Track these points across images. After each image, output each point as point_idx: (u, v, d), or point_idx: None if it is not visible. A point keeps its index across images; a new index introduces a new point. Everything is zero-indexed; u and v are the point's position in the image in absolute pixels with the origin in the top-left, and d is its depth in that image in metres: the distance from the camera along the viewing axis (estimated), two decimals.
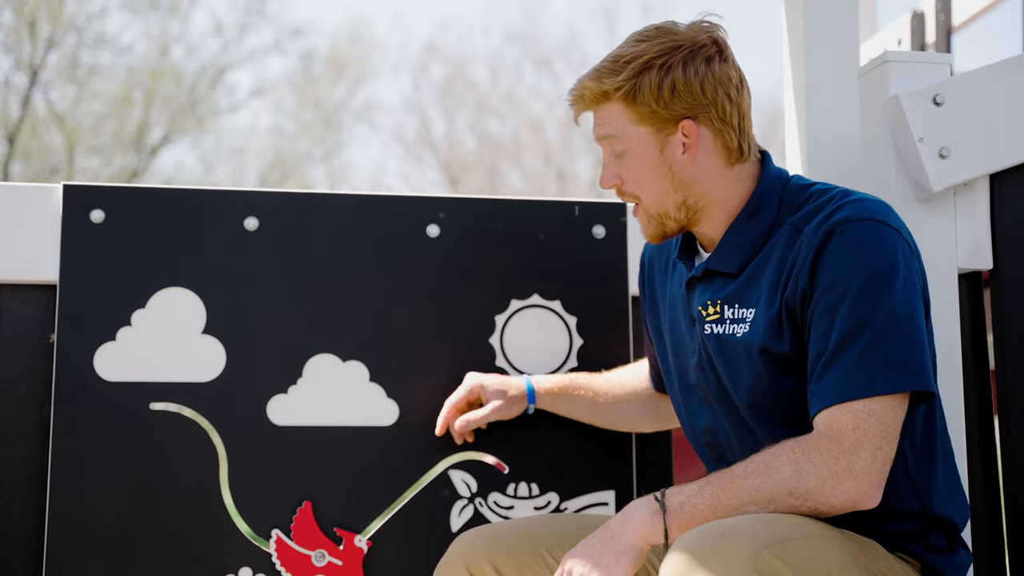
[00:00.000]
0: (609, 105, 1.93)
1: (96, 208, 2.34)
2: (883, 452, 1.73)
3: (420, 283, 2.43)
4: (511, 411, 2.32)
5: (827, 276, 1.80)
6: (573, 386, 2.34)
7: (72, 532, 2.25)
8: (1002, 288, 2.36)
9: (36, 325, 2.34)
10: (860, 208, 1.84)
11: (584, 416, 2.36)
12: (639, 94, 1.90)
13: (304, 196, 2.46)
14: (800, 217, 1.89)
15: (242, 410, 2.34)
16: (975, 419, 2.37)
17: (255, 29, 18.99)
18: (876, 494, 1.73)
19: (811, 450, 1.73)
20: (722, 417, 1.97)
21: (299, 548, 2.32)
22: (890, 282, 1.78)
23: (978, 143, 2.33)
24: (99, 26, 16.71)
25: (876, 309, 1.76)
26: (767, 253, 1.90)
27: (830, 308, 1.79)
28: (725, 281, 1.94)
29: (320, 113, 19.17)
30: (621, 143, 1.94)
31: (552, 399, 2.33)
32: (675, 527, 1.75)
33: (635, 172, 1.94)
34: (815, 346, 1.80)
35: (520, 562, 2.00)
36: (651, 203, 1.96)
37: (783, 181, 1.96)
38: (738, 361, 1.90)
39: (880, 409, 1.74)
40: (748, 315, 1.89)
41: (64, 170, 15.89)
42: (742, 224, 1.94)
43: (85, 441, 2.28)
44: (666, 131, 1.92)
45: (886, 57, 2.36)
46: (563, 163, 18.96)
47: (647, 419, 2.36)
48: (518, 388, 2.32)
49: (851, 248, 1.80)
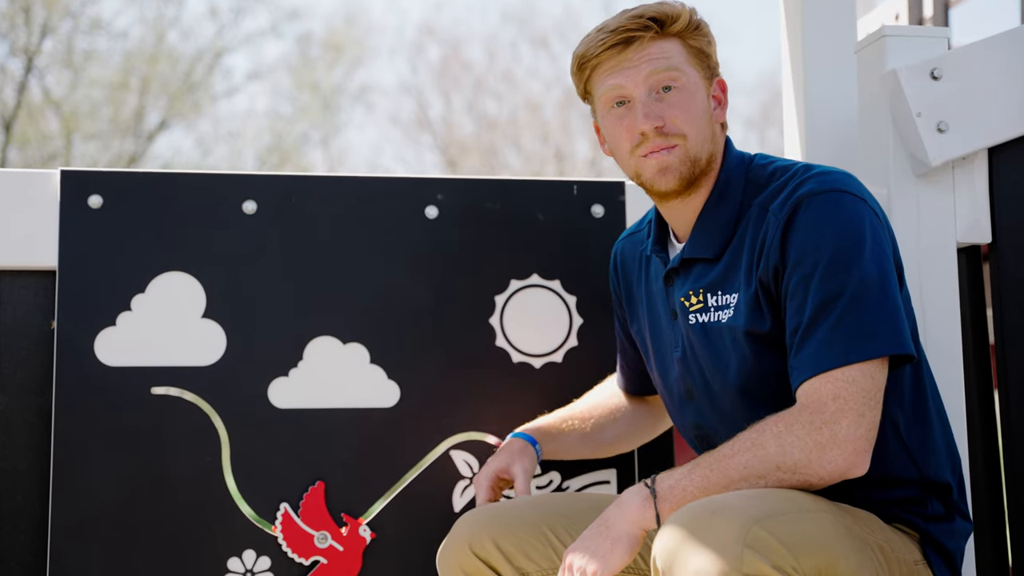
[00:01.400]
0: (666, 42, 1.93)
1: (94, 193, 2.34)
2: (866, 419, 1.74)
3: (419, 264, 2.43)
4: (534, 467, 2.21)
5: (796, 250, 1.81)
6: (555, 428, 2.26)
7: (75, 517, 2.26)
8: (1001, 262, 2.37)
9: (36, 311, 2.34)
10: (823, 180, 1.85)
11: (576, 454, 2.30)
12: (700, 28, 1.95)
13: (303, 179, 2.46)
14: (765, 196, 1.90)
15: (243, 393, 2.34)
16: (975, 393, 2.38)
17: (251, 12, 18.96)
18: (863, 461, 1.74)
19: (793, 423, 1.74)
20: (706, 409, 1.98)
21: (304, 526, 2.32)
22: (859, 251, 1.79)
23: (976, 117, 2.33)
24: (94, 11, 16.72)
25: (847, 279, 1.77)
26: (740, 236, 1.91)
27: (802, 281, 1.80)
28: (704, 269, 1.95)
29: (317, 96, 19.13)
30: (679, 78, 1.92)
31: (545, 435, 2.25)
32: (666, 510, 1.76)
33: (688, 109, 1.93)
34: (791, 320, 1.81)
35: (523, 540, 2.00)
36: (695, 143, 1.93)
37: (745, 163, 1.98)
38: (724, 347, 1.91)
39: (860, 376, 1.74)
40: (731, 300, 1.90)
41: (61, 156, 15.87)
42: (712, 209, 1.95)
43: (87, 426, 2.28)
44: (708, 79, 1.97)
45: (884, 32, 2.36)
46: (561, 143, 18.94)
47: (633, 434, 2.33)
48: (523, 450, 2.20)
49: (817, 220, 1.81)
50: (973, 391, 2.38)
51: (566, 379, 2.44)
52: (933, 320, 2.33)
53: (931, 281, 2.33)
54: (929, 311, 2.32)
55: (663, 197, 1.98)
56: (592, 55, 1.94)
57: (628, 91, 1.93)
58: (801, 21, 2.65)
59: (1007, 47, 2.37)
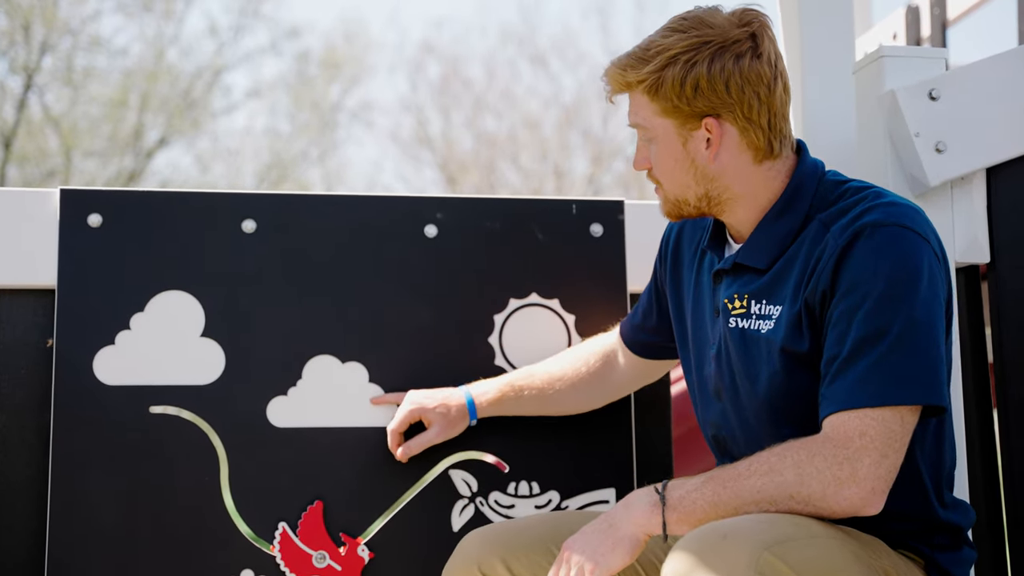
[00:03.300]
0: (635, 95, 1.93)
1: (93, 212, 2.34)
2: (888, 460, 1.71)
3: (418, 283, 2.43)
4: (454, 431, 2.32)
5: (848, 279, 1.77)
6: (514, 388, 2.32)
7: (73, 536, 2.26)
8: (1000, 281, 2.37)
9: (35, 330, 2.34)
10: (890, 212, 1.81)
11: (533, 411, 2.34)
12: (661, 88, 1.87)
13: (302, 198, 2.46)
14: (830, 214, 1.86)
15: (242, 412, 2.34)
16: (974, 412, 2.37)
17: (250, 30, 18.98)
18: (878, 501, 1.72)
19: (816, 453, 1.72)
20: (730, 413, 1.96)
21: (303, 546, 2.32)
22: (912, 291, 1.75)
23: (974, 137, 2.34)
24: (94, 29, 16.72)
25: (895, 317, 1.74)
26: (796, 249, 1.88)
27: (848, 312, 1.76)
28: (753, 276, 1.92)
29: (316, 113, 19.16)
30: (648, 132, 1.93)
31: (496, 407, 2.32)
32: (673, 520, 1.75)
33: (661, 160, 1.93)
34: (830, 349, 1.78)
35: (532, 560, 1.99)
36: (671, 191, 1.95)
37: (818, 175, 1.93)
38: (759, 357, 1.89)
39: (890, 417, 1.72)
40: (774, 312, 1.87)
41: (61, 173, 15.89)
42: (774, 219, 1.91)
43: (85, 445, 2.28)
44: (689, 126, 1.89)
45: (882, 52, 2.36)
46: (560, 160, 18.96)
47: (594, 397, 2.34)
48: (459, 407, 2.31)
49: (875, 253, 1.77)
50: (972, 410, 2.37)
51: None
52: None
53: None
54: None
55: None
56: None
57: None
58: (799, 41, 2.65)
59: (1005, 67, 2.37)
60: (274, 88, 19.15)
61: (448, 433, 2.32)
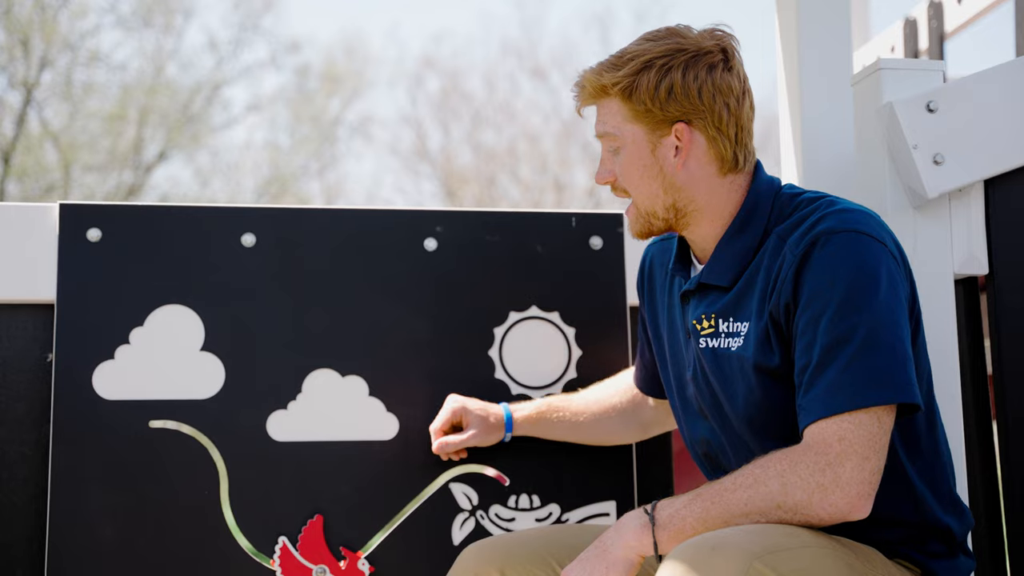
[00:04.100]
0: (608, 101, 1.94)
1: (93, 227, 2.35)
2: (871, 462, 1.72)
3: (418, 297, 2.43)
4: (489, 439, 2.34)
5: (809, 288, 1.80)
6: (550, 410, 2.34)
7: (73, 551, 2.25)
8: (998, 293, 2.37)
9: (34, 344, 2.34)
10: (843, 219, 1.83)
11: (565, 437, 2.37)
12: (635, 91, 1.90)
13: (301, 212, 2.46)
14: (785, 227, 1.88)
15: (242, 426, 2.34)
16: (974, 424, 2.37)
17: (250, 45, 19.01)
18: (864, 505, 1.72)
19: (798, 462, 1.72)
20: (717, 429, 1.97)
21: (303, 560, 2.32)
22: (872, 294, 1.77)
23: (972, 149, 2.34)
24: (93, 44, 16.73)
25: (859, 321, 1.76)
26: (757, 264, 1.90)
27: (813, 321, 1.78)
28: (719, 295, 1.94)
29: (316, 127, 19.18)
30: (616, 140, 1.95)
31: (530, 426, 2.35)
32: (664, 539, 1.75)
33: (628, 170, 1.95)
34: (800, 359, 1.80)
35: (530, 572, 1.99)
36: (640, 201, 1.97)
37: (774, 190, 1.96)
38: (733, 375, 1.90)
39: (867, 420, 1.73)
40: (742, 328, 1.89)
41: (60, 188, 15.89)
42: (733, 236, 1.94)
43: (85, 460, 2.28)
44: (659, 132, 1.92)
45: (880, 64, 2.37)
46: (560, 173, 18.98)
47: (630, 430, 2.36)
48: (497, 417, 2.34)
49: (832, 259, 1.79)
50: (971, 422, 2.37)
51: None
52: (931, 351, 2.32)
53: (929, 312, 2.33)
54: (927, 342, 2.32)
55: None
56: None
57: None
58: (797, 54, 2.66)
59: (1003, 80, 2.38)
60: (274, 102, 19.18)
61: (484, 438, 2.33)
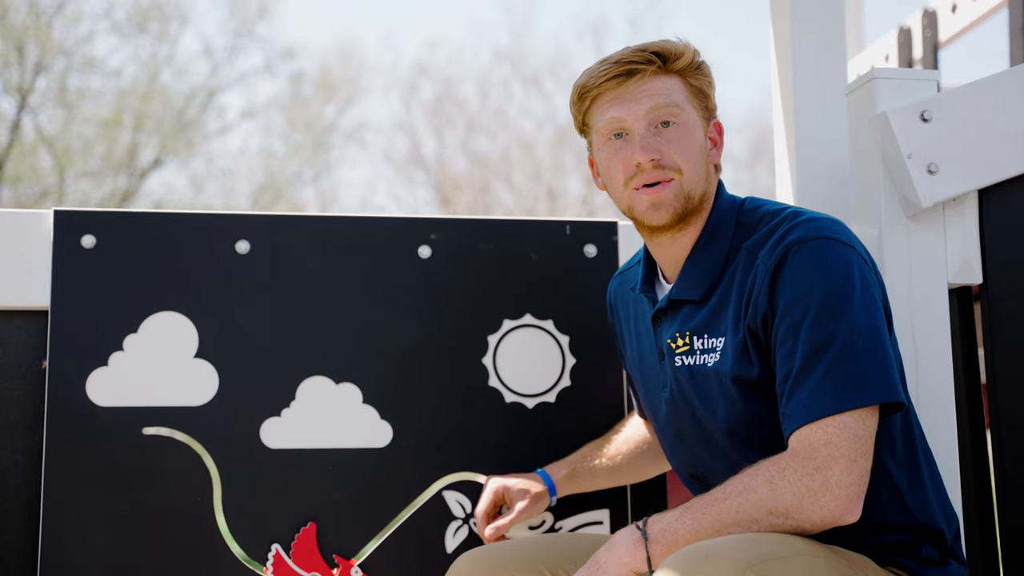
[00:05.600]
0: (665, 78, 1.94)
1: (87, 233, 2.34)
2: (858, 465, 1.73)
3: (412, 304, 2.43)
4: (537, 509, 2.31)
5: (786, 297, 1.81)
6: (586, 462, 2.33)
7: (66, 557, 2.25)
8: (992, 302, 2.37)
9: (28, 351, 2.33)
10: (812, 227, 1.85)
11: (606, 484, 2.36)
12: (702, 69, 1.96)
13: (295, 219, 2.46)
14: (754, 241, 1.89)
15: (235, 433, 2.34)
16: (967, 433, 2.37)
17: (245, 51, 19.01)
18: (855, 507, 1.73)
19: (786, 468, 1.73)
20: (699, 448, 1.97)
21: (296, 567, 2.31)
22: (848, 298, 1.79)
23: (966, 158, 2.34)
24: (88, 50, 16.72)
25: (837, 326, 1.77)
26: (728, 280, 1.91)
27: (792, 329, 1.79)
28: (692, 311, 1.95)
29: (310, 134, 19.17)
30: (679, 114, 1.94)
31: (572, 483, 2.33)
32: (657, 554, 1.75)
33: (685, 145, 1.94)
34: (781, 368, 1.81)
35: None
36: (689, 179, 1.94)
37: (736, 206, 1.98)
38: (711, 390, 1.91)
39: (852, 422, 1.74)
40: (718, 344, 1.90)
41: (54, 194, 15.87)
42: (701, 250, 1.95)
43: (78, 466, 2.27)
44: (705, 119, 1.98)
45: (874, 74, 2.37)
46: (553, 181, 18.99)
47: (658, 460, 2.35)
48: (539, 485, 2.31)
49: (806, 268, 1.81)
50: (965, 431, 2.37)
51: (559, 419, 2.44)
52: (925, 360, 2.33)
53: (923, 322, 2.34)
54: (921, 351, 2.33)
55: (653, 232, 1.98)
56: (593, 85, 1.95)
57: (627, 124, 1.94)
58: (791, 63, 2.67)
59: (996, 90, 2.38)
60: (268, 109, 19.17)
61: (531, 512, 2.30)
